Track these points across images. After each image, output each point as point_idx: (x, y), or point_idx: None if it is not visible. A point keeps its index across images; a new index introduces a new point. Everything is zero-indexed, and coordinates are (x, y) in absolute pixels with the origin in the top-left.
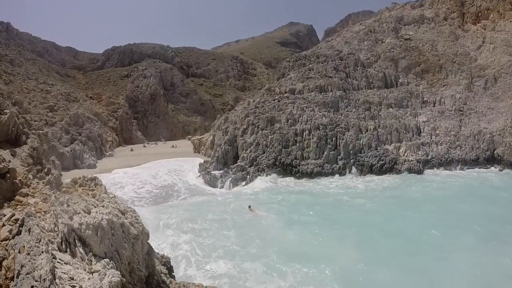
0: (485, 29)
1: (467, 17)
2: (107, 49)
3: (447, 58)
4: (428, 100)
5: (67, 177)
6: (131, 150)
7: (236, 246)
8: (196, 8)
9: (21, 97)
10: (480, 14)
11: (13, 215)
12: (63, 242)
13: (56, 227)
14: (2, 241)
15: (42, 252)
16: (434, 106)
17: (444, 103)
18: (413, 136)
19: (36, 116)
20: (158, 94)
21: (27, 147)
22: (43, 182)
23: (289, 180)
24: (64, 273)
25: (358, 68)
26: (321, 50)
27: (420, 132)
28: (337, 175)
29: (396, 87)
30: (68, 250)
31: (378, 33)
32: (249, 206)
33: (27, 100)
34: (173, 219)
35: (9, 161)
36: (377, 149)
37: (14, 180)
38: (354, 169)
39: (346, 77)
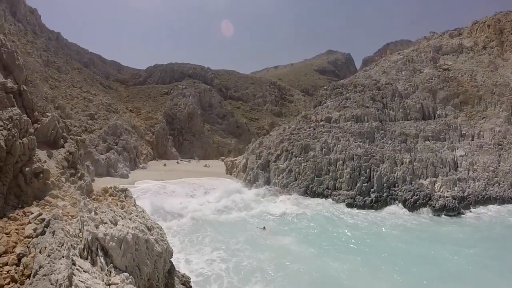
0: None
1: (506, 46)
2: (150, 66)
3: (487, 89)
4: (467, 133)
5: (99, 183)
6: (165, 165)
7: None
8: (237, 33)
9: (64, 103)
10: None
11: (40, 214)
12: (85, 249)
13: (80, 233)
14: (25, 237)
15: (63, 257)
16: (472, 140)
17: (483, 137)
18: (449, 171)
19: (76, 122)
20: (195, 114)
21: (63, 150)
22: (75, 187)
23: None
24: (82, 281)
25: (396, 98)
26: (358, 79)
27: (457, 167)
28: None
29: (434, 119)
30: (89, 258)
31: (416, 63)
32: (264, 227)
33: (70, 106)
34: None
35: (45, 162)
36: (411, 183)
37: (47, 181)
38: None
39: (383, 108)
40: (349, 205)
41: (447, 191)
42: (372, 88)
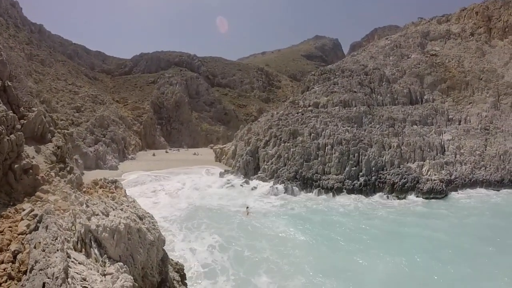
0: None
1: (494, 32)
2: (135, 55)
3: (474, 75)
4: (454, 118)
5: (89, 176)
6: (154, 155)
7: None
8: (225, 18)
9: (49, 96)
10: (507, 29)
11: (32, 210)
12: (79, 242)
13: (73, 227)
14: (19, 234)
15: (57, 250)
16: (459, 124)
17: (470, 121)
18: (437, 154)
19: (63, 115)
20: (183, 102)
21: (51, 145)
22: (65, 181)
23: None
24: (77, 273)
25: (383, 83)
26: (346, 65)
27: (444, 150)
28: (359, 195)
29: (421, 103)
30: (83, 250)
31: (403, 48)
32: (247, 207)
33: (55, 100)
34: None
35: (33, 157)
36: (399, 167)
37: (36, 176)
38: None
39: (371, 93)
40: (338, 191)
41: (435, 174)
42: (359, 73)
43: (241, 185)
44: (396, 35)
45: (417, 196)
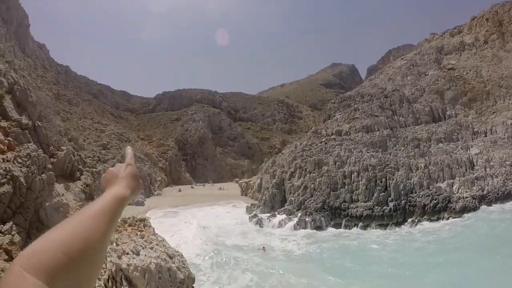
0: None
1: (507, 36)
2: (158, 94)
3: (494, 83)
4: (479, 131)
5: None
6: (179, 190)
7: None
8: (241, 55)
9: (77, 134)
10: None
11: None
12: (109, 280)
13: (104, 265)
14: None
15: None
16: (485, 136)
17: (496, 132)
18: (466, 170)
19: (90, 152)
20: (206, 138)
21: (80, 183)
22: None
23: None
24: None
25: (404, 104)
26: (365, 89)
27: (474, 165)
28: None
29: (444, 120)
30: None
31: (420, 66)
32: (263, 248)
33: (82, 137)
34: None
35: (63, 195)
36: (429, 188)
37: (67, 214)
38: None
39: (392, 115)
40: (368, 219)
41: (466, 192)
42: (379, 96)
43: (268, 219)
44: (411, 53)
45: (448, 217)
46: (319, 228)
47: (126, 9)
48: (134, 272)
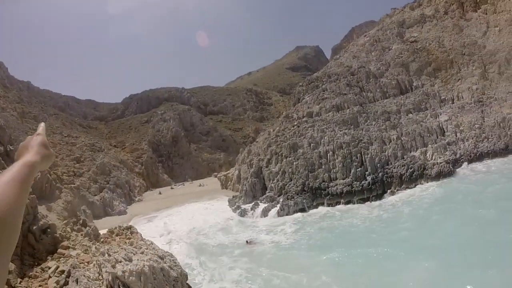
0: (486, 13)
1: (466, 6)
2: (125, 98)
3: (456, 52)
4: (446, 98)
5: (99, 225)
6: (160, 193)
7: None
8: (205, 47)
9: None
10: (478, 0)
11: (57, 267)
12: None
13: (100, 276)
14: None
15: None
16: (453, 103)
17: (463, 97)
18: (437, 137)
19: (64, 168)
20: (179, 136)
21: (61, 201)
22: (82, 234)
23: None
24: None
25: (371, 80)
26: (331, 69)
27: (444, 132)
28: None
29: (412, 91)
30: None
31: (383, 42)
32: (247, 241)
33: (54, 154)
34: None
35: (47, 216)
36: (403, 158)
37: (55, 234)
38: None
39: (361, 91)
40: (348, 193)
41: (440, 157)
42: (346, 74)
43: (251, 210)
44: (374, 30)
45: (426, 183)
46: (302, 210)
47: (83, 13)
48: (130, 277)
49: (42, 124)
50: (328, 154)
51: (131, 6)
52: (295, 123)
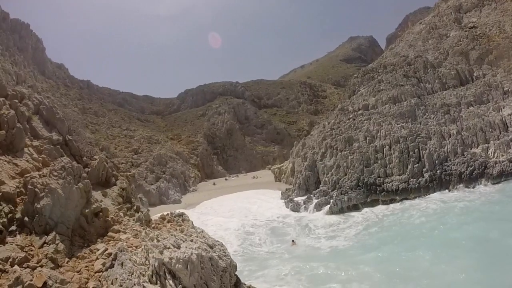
0: None
1: None
2: (181, 93)
3: None
4: (510, 89)
5: (154, 213)
6: (214, 184)
7: None
8: (258, 41)
9: (107, 143)
10: None
11: (106, 249)
12: (153, 275)
13: (147, 261)
14: (95, 272)
15: (134, 285)
16: None
17: None
18: (500, 133)
19: (122, 159)
20: (234, 129)
21: (116, 187)
22: (133, 219)
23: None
24: None
25: (429, 70)
26: (386, 60)
27: (507, 127)
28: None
29: (472, 82)
30: (158, 282)
31: (440, 29)
32: (293, 241)
33: (113, 146)
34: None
35: (101, 201)
36: (463, 155)
37: (107, 218)
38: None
39: (418, 82)
40: (404, 191)
41: (502, 155)
42: (402, 65)
43: (303, 205)
44: (429, 16)
45: (486, 184)
46: (355, 207)
47: (132, 15)
48: (177, 265)
49: None
50: (385, 149)
51: (185, 6)
52: (351, 116)
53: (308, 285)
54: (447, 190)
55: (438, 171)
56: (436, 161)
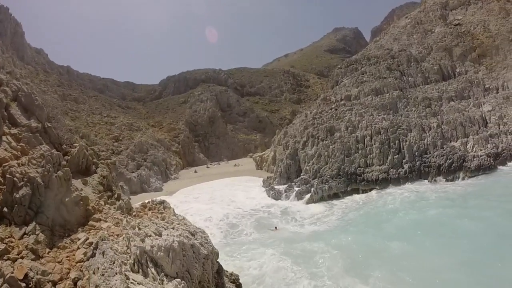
0: None
1: None
2: (163, 79)
3: (503, 37)
4: (490, 87)
5: (135, 201)
6: (195, 171)
7: None
8: (243, 28)
9: (87, 131)
10: None
11: (87, 239)
12: (135, 263)
13: (128, 249)
14: (77, 262)
15: (116, 274)
16: (497, 93)
17: (508, 87)
18: (479, 128)
19: (103, 146)
20: (216, 116)
21: (97, 175)
22: (114, 208)
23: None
24: None
25: (412, 64)
26: (371, 52)
27: (487, 123)
28: (406, 184)
29: (455, 77)
30: (140, 270)
31: (425, 24)
32: (275, 227)
33: (93, 133)
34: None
35: (81, 190)
36: (443, 148)
37: (87, 207)
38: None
39: (401, 76)
40: (384, 181)
41: (480, 150)
42: (386, 58)
43: (284, 193)
44: (415, 11)
45: (464, 176)
46: (335, 196)
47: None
48: (159, 253)
49: None
50: (366, 139)
51: None
52: (333, 106)
53: (290, 260)
54: (426, 181)
55: (417, 163)
56: (416, 153)
